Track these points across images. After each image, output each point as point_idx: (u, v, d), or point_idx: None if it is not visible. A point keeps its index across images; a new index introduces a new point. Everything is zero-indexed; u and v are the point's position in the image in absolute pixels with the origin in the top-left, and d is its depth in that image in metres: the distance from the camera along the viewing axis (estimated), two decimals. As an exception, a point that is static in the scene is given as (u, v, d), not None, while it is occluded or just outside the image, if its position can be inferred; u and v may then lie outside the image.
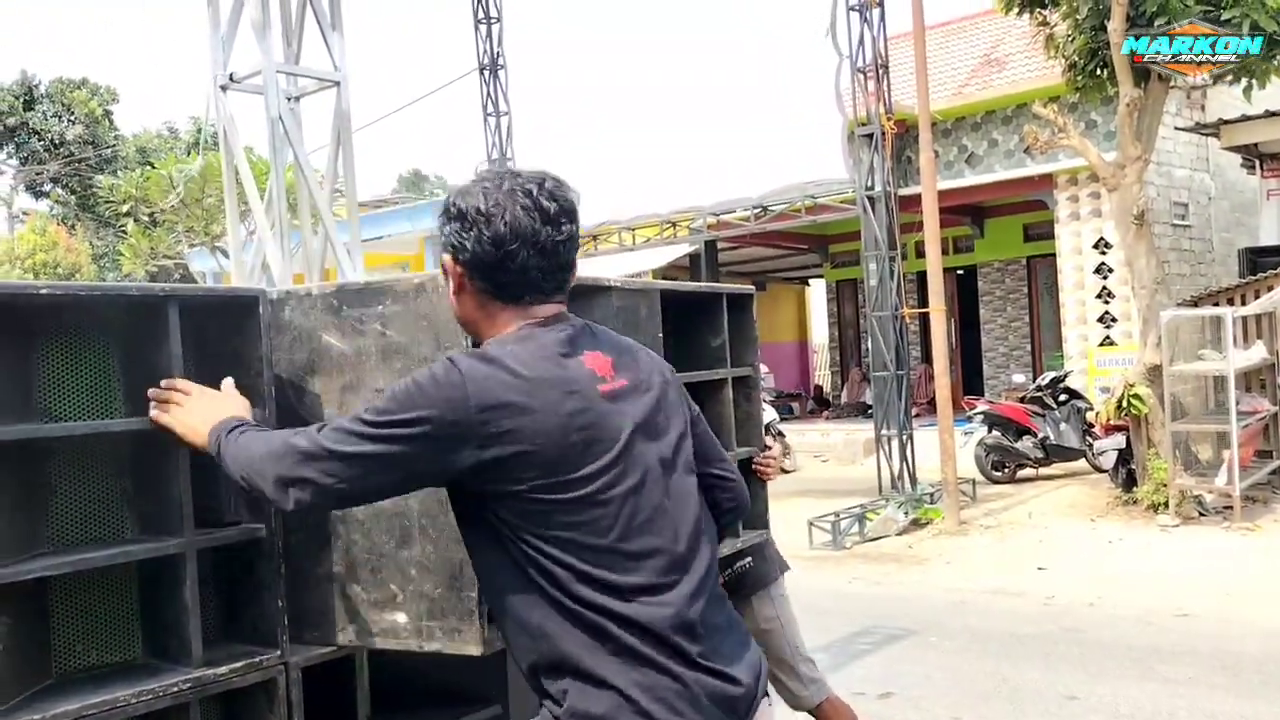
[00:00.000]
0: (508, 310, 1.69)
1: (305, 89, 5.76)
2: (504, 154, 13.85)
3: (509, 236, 1.64)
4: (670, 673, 1.57)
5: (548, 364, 1.62)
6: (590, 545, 1.58)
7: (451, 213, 1.69)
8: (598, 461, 1.59)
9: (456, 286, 1.72)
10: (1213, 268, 13.76)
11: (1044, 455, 11.12)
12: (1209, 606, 6.34)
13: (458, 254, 1.68)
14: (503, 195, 1.65)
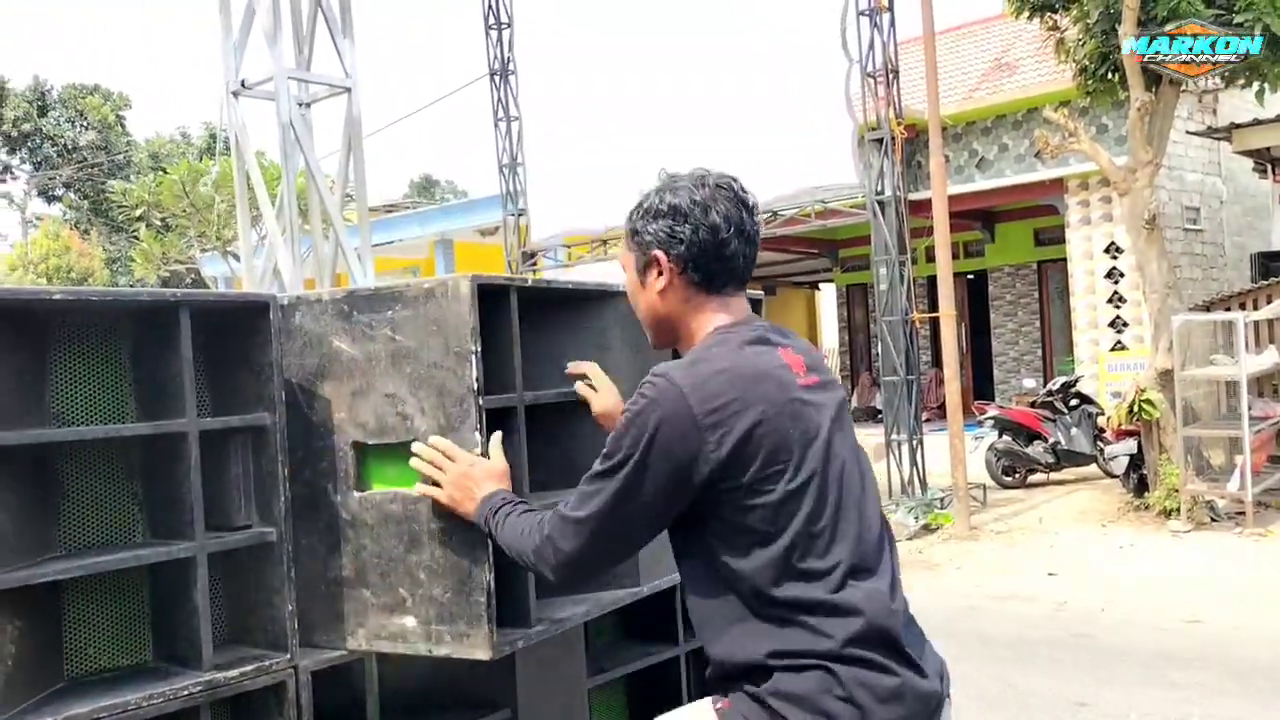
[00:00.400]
0: (711, 301, 1.76)
1: (316, 95, 5.79)
2: (514, 159, 13.88)
3: (724, 225, 1.72)
4: (875, 663, 1.60)
5: (752, 360, 1.66)
6: (804, 534, 1.60)
7: (660, 210, 1.75)
8: (807, 451, 1.63)
9: (665, 283, 1.76)
10: (1225, 272, 13.71)
11: (1055, 460, 11.08)
12: (1221, 613, 6.31)
13: (669, 248, 1.74)
14: (708, 190, 1.74)
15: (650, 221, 1.76)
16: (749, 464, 1.58)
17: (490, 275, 2.17)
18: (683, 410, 1.58)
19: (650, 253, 1.76)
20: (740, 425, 1.58)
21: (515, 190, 13.94)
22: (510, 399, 2.16)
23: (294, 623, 2.09)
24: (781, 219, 11.51)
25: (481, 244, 18.37)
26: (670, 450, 1.59)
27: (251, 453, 2.12)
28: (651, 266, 1.77)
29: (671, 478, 1.60)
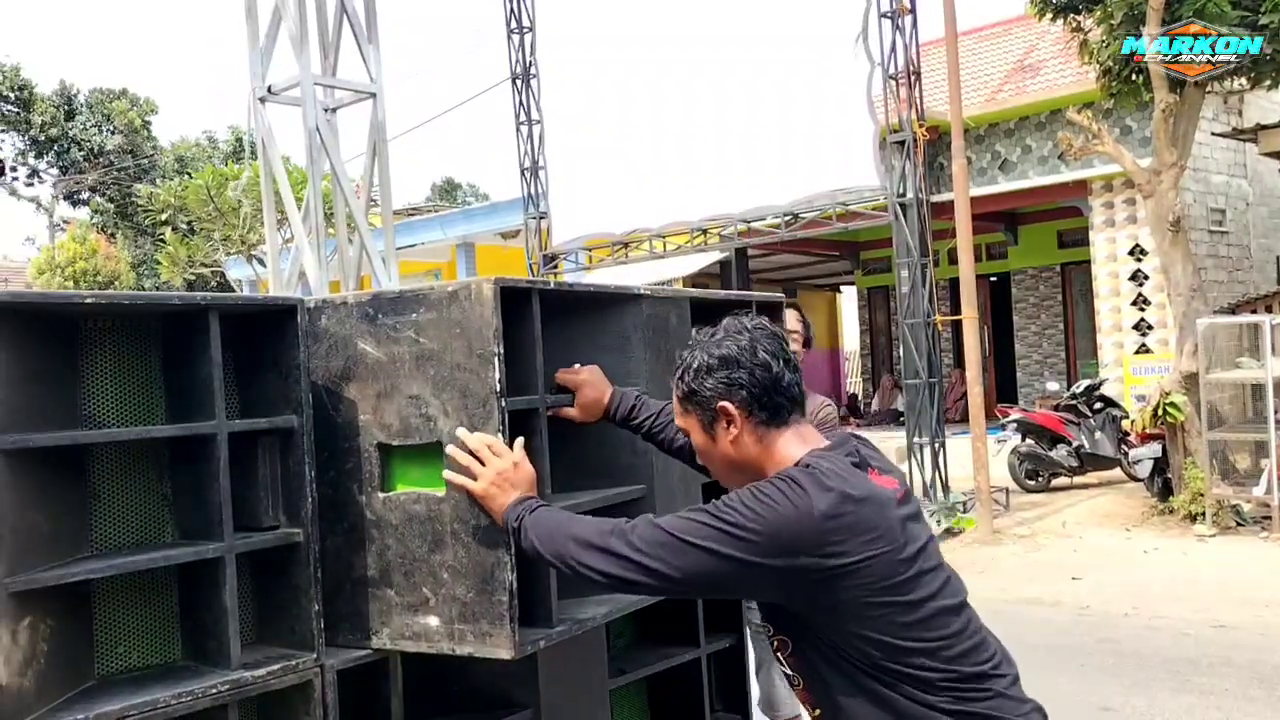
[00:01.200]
0: (783, 434, 1.82)
1: (342, 100, 5.84)
2: (536, 162, 13.92)
3: (773, 360, 1.81)
4: None
5: (862, 482, 1.72)
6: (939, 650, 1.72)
7: (711, 364, 1.82)
8: (924, 569, 1.72)
9: (736, 432, 1.82)
10: (1250, 274, 13.59)
11: (1078, 464, 11.01)
12: (1246, 618, 6.25)
13: (733, 395, 1.80)
14: (749, 333, 1.84)
15: (705, 378, 1.82)
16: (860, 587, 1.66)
17: (513, 278, 2.19)
18: (813, 531, 1.65)
19: (714, 406, 1.82)
20: (851, 549, 1.66)
21: (536, 193, 13.98)
22: (533, 401, 2.18)
23: (320, 622, 2.11)
24: (802, 221, 11.49)
25: (503, 247, 18.43)
26: (788, 563, 1.66)
27: (279, 454, 2.14)
28: (718, 420, 1.83)
29: (771, 579, 1.69)
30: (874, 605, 1.67)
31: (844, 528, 1.65)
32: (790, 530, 1.65)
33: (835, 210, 11.07)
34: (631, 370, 2.50)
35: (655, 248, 13.19)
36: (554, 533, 1.85)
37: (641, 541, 1.75)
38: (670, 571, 1.72)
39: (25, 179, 33.65)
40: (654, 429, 2.29)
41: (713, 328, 1.89)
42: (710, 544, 1.68)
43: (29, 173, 33.58)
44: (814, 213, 11.31)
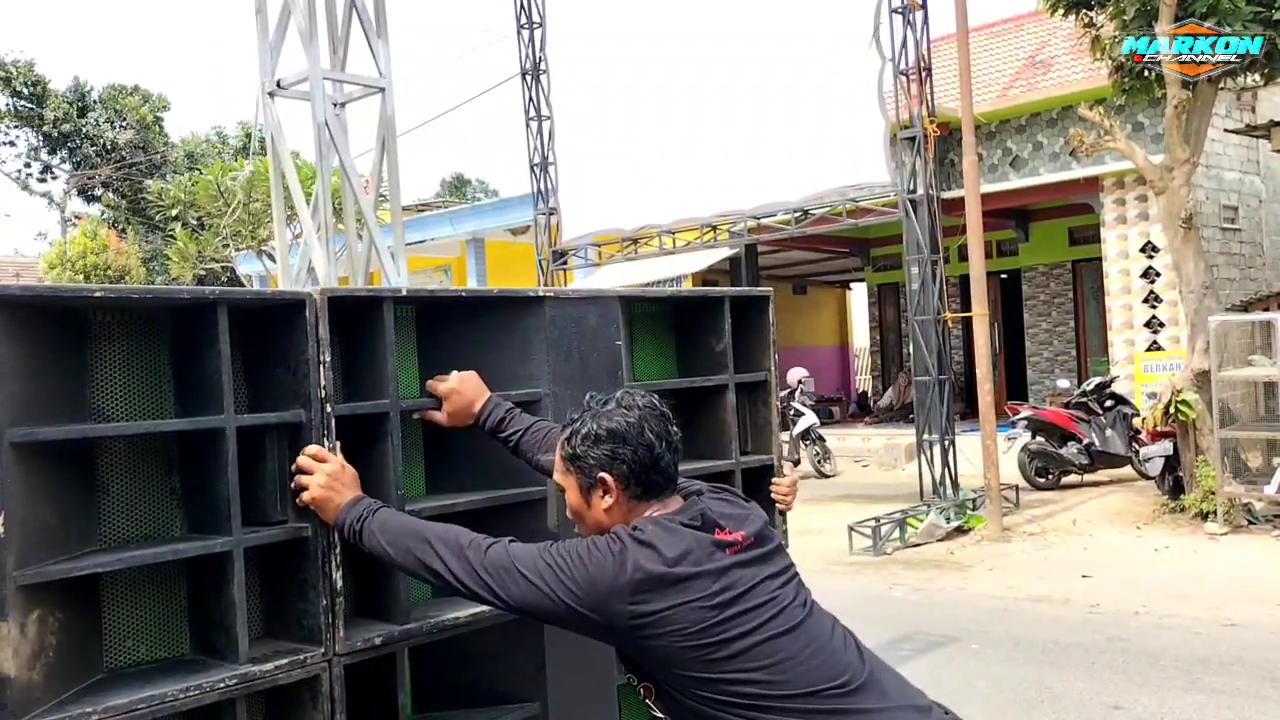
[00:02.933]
0: (651, 507, 1.96)
1: (351, 95, 5.83)
2: (545, 158, 13.91)
3: (656, 442, 1.95)
4: None
5: (680, 541, 1.87)
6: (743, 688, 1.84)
7: (599, 435, 1.95)
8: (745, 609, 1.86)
9: (610, 502, 1.96)
10: (1263, 272, 13.52)
11: (1089, 461, 10.98)
12: (1258, 617, 6.23)
13: (613, 468, 1.94)
14: (638, 411, 1.97)
15: (592, 447, 1.95)
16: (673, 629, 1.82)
17: (348, 289, 2.33)
18: (620, 596, 1.82)
19: (595, 475, 1.95)
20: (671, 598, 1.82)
21: (546, 189, 13.98)
22: (381, 405, 2.25)
23: (328, 617, 2.11)
24: (813, 218, 11.46)
25: (513, 243, 18.43)
26: (596, 617, 1.84)
27: (288, 449, 2.15)
28: (596, 488, 1.96)
29: (594, 629, 1.88)
30: (687, 649, 1.81)
31: (650, 582, 1.81)
32: (605, 583, 1.82)
33: (845, 206, 11.04)
34: (534, 372, 2.54)
35: (665, 244, 13.17)
36: (405, 534, 1.98)
37: (489, 562, 1.90)
38: (505, 596, 1.89)
39: (38, 175, 33.77)
40: (520, 444, 2.38)
41: (606, 395, 2.02)
42: (541, 583, 1.86)
43: (42, 168, 33.68)
44: (824, 209, 11.28)
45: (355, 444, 2.24)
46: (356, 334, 2.30)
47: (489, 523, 2.52)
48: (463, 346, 2.54)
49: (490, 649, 2.53)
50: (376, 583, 2.30)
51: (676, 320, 3.11)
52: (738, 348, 2.97)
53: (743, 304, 3.02)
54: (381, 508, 2.05)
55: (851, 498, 11.09)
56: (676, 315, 3.10)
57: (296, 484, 2.08)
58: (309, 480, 2.06)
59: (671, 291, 2.88)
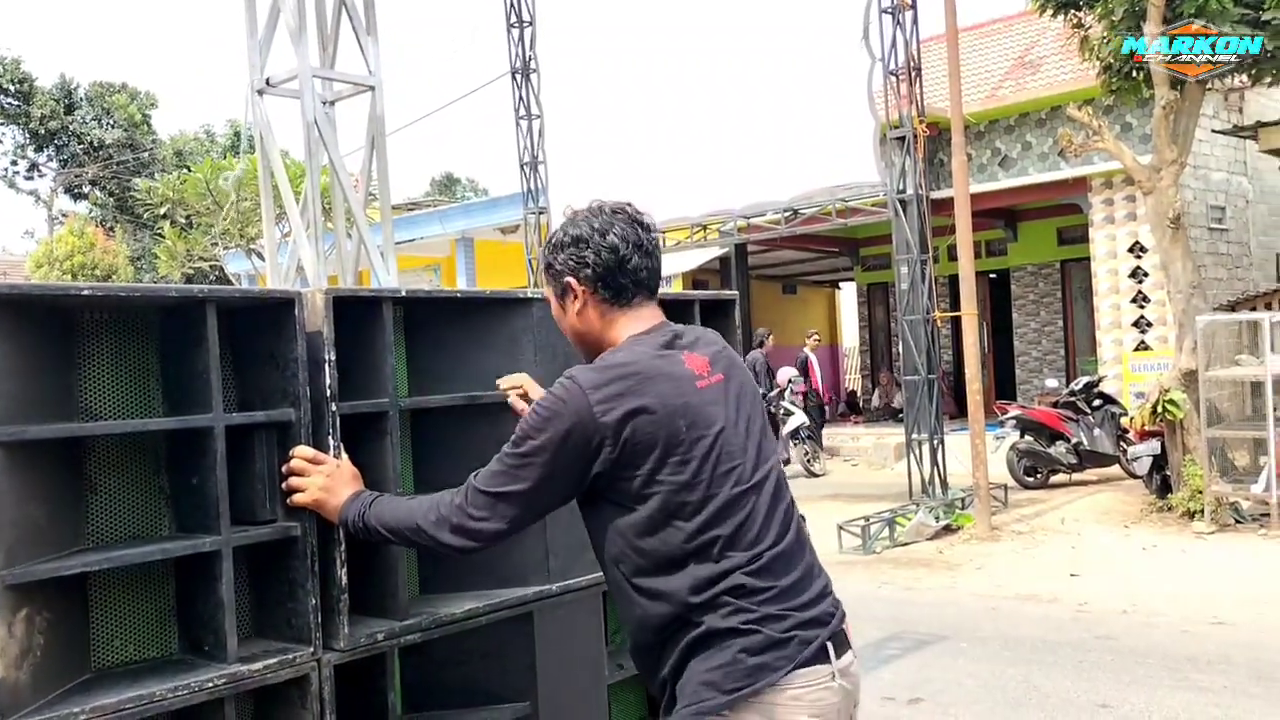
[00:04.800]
0: (624, 314, 1.99)
1: (340, 93, 5.81)
2: (535, 157, 13.90)
3: (621, 244, 1.97)
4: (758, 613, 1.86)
5: (655, 362, 1.91)
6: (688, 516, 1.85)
7: (565, 241, 1.99)
8: (698, 447, 1.86)
9: (581, 305, 1.99)
10: (1250, 272, 13.59)
11: (1077, 461, 11.01)
12: (1245, 615, 6.26)
13: (579, 272, 1.97)
14: (605, 216, 2.00)
15: (558, 253, 1.99)
16: (639, 459, 1.83)
17: (350, 289, 2.33)
18: (585, 407, 1.83)
19: (563, 280, 1.99)
20: (633, 426, 1.83)
21: (536, 188, 13.97)
22: (381, 404, 2.26)
23: (318, 616, 2.11)
24: (802, 217, 11.48)
25: (503, 242, 18.41)
26: (577, 445, 1.83)
27: (277, 447, 2.14)
28: (567, 293, 2.00)
29: (574, 472, 1.86)
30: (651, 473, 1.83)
31: (612, 391, 1.83)
32: (569, 411, 1.83)
33: (835, 206, 11.07)
34: (521, 370, 2.55)
35: (655, 243, 13.16)
36: (403, 520, 1.97)
37: (474, 508, 1.90)
38: (504, 525, 1.90)
39: (25, 173, 33.60)
40: None
41: (577, 211, 2.06)
42: (517, 479, 1.87)
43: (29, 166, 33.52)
44: (814, 208, 11.31)
45: (353, 442, 2.24)
46: (352, 333, 2.29)
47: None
48: (451, 346, 2.56)
49: (481, 648, 2.53)
50: (371, 580, 2.30)
51: None
52: None
53: (711, 306, 3.05)
54: (376, 499, 2.04)
55: (840, 497, 11.11)
56: None
57: (289, 486, 2.08)
58: (306, 483, 2.06)
59: None
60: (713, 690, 1.81)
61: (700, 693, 1.82)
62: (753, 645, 1.82)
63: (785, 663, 1.82)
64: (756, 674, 1.80)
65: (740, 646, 1.81)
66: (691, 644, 1.85)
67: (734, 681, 1.80)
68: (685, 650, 1.86)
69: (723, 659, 1.82)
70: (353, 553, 2.18)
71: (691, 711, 1.83)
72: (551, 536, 2.55)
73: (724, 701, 1.80)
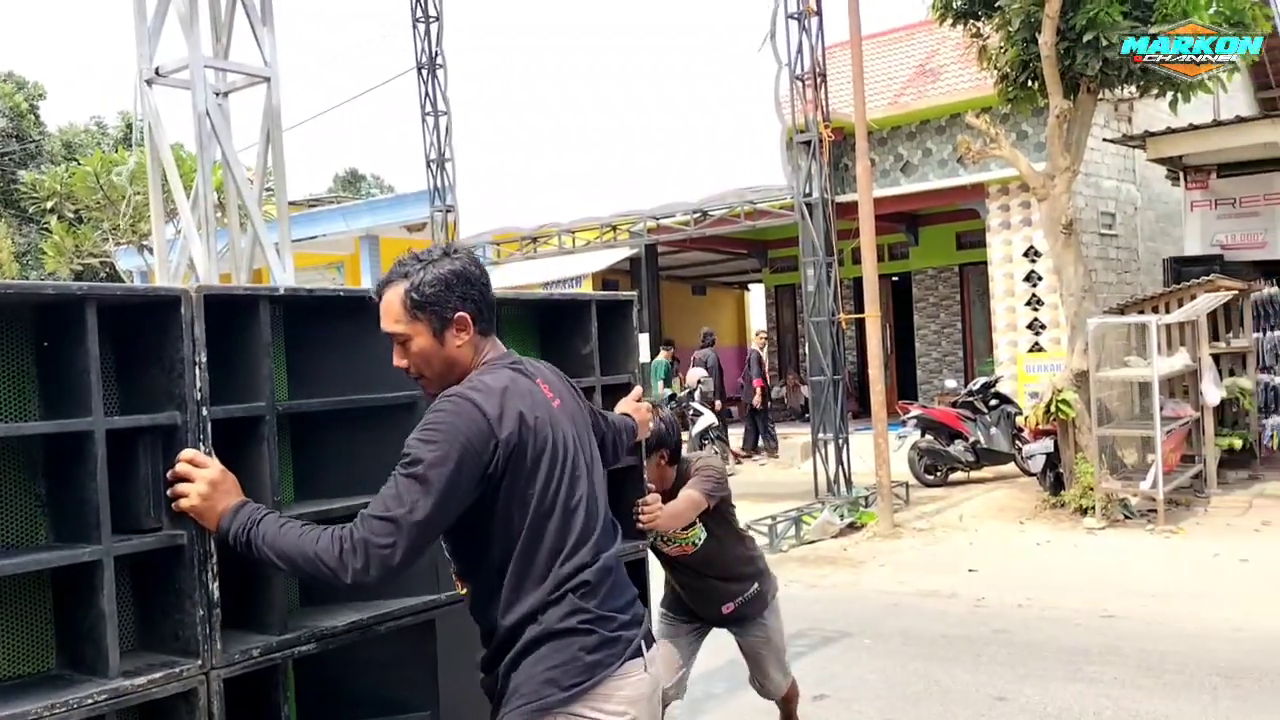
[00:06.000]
0: (486, 341, 2.17)
1: (235, 84, 5.63)
2: (443, 154, 13.73)
3: (486, 281, 2.17)
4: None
5: (519, 381, 2.12)
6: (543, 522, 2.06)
7: (450, 279, 2.09)
8: (554, 461, 2.10)
9: (467, 337, 2.12)
10: (1138, 276, 14.11)
11: (975, 459, 11.30)
12: (1134, 608, 6.48)
13: (466, 307, 2.11)
14: (465, 255, 2.16)
15: (444, 290, 2.09)
16: (515, 468, 2.02)
17: (229, 286, 2.28)
18: (479, 418, 1.99)
19: (452, 315, 2.09)
20: (516, 441, 2.02)
21: (443, 186, 13.80)
22: (257, 408, 2.20)
23: (206, 628, 2.02)
24: (711, 219, 11.55)
25: (409, 240, 18.14)
26: (477, 452, 1.97)
27: (162, 452, 2.05)
28: (451, 326, 2.10)
29: (476, 473, 1.98)
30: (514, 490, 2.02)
31: (497, 410, 2.01)
32: (462, 424, 1.97)
33: (744, 208, 11.16)
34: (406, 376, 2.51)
35: (565, 243, 13.12)
36: (292, 551, 1.94)
37: (375, 537, 1.91)
38: (413, 543, 1.94)
39: (-99, 163, 31.93)
40: None
41: (419, 252, 2.15)
42: (418, 499, 1.92)
43: (-95, 156, 31.87)
44: (723, 210, 11.38)
45: (229, 448, 2.16)
46: (231, 334, 2.22)
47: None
48: (338, 348, 2.49)
49: (380, 658, 2.47)
50: (253, 592, 2.22)
51: (543, 323, 3.10)
52: (604, 351, 2.98)
53: (609, 308, 3.04)
54: (265, 515, 2.00)
55: (749, 496, 11.20)
56: (543, 318, 3.10)
57: (174, 492, 2.00)
58: (188, 489, 1.99)
59: (540, 295, 2.88)
60: (553, 687, 2.00)
61: (541, 690, 2.01)
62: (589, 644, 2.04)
63: (614, 659, 2.06)
64: (592, 670, 2.03)
65: (579, 645, 2.03)
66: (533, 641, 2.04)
67: (573, 677, 2.01)
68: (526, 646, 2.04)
69: (563, 657, 2.02)
70: (228, 565, 2.10)
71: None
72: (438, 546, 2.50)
73: (563, 697, 2.01)
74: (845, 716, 4.93)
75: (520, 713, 2.00)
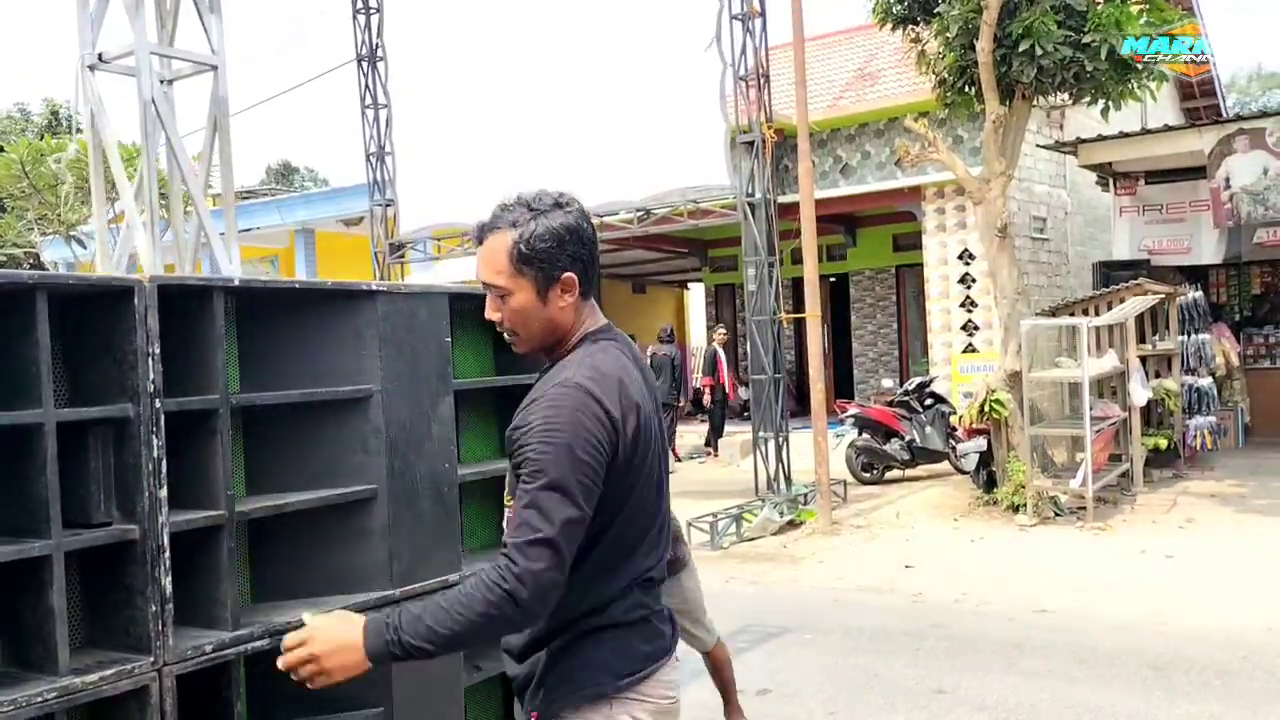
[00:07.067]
0: (587, 306, 2.00)
1: (180, 72, 5.51)
2: (382, 147, 13.57)
3: (595, 240, 1.98)
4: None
5: (629, 372, 1.97)
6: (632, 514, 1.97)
7: (560, 234, 1.91)
8: (649, 452, 1.99)
9: (571, 299, 1.95)
10: (1068, 280, 14.45)
11: (910, 457, 11.48)
12: (1065, 602, 6.64)
13: (574, 267, 1.93)
14: (578, 209, 1.96)
15: (554, 246, 1.90)
16: (633, 447, 1.92)
17: (179, 276, 2.25)
18: (601, 414, 1.85)
19: (559, 274, 1.92)
20: (634, 414, 1.92)
21: (383, 180, 13.64)
22: (210, 401, 2.17)
23: (158, 624, 1.99)
24: (654, 217, 11.58)
25: (345, 234, 17.91)
26: (602, 447, 1.84)
27: (113, 446, 2.01)
28: (556, 285, 1.93)
29: (602, 468, 1.86)
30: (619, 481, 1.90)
31: (617, 402, 1.88)
32: (587, 420, 1.83)
33: (686, 207, 11.19)
34: (365, 368, 2.50)
35: (505, 239, 13.03)
36: (456, 623, 1.77)
37: (536, 564, 1.77)
38: (571, 552, 1.81)
39: None
40: None
41: (534, 196, 1.96)
42: (561, 509, 1.78)
43: None
44: (665, 209, 11.41)
45: (181, 442, 2.13)
46: (183, 325, 2.18)
47: (320, 522, 2.45)
48: (291, 341, 2.47)
49: (331, 653, 2.44)
50: (205, 587, 2.19)
51: (468, 316, 3.09)
52: None
53: None
54: (392, 618, 1.79)
55: (689, 494, 11.25)
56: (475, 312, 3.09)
57: (300, 678, 1.83)
58: (308, 668, 1.82)
59: (463, 289, 2.86)
60: (609, 675, 1.94)
61: (598, 677, 1.94)
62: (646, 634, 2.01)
63: (662, 652, 2.03)
64: (646, 660, 1.99)
65: (639, 636, 1.99)
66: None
67: (630, 666, 1.96)
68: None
69: (621, 646, 1.96)
70: (180, 560, 2.07)
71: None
72: (394, 540, 2.49)
73: (620, 684, 1.95)
74: (789, 710, 4.99)
75: (575, 698, 1.93)
